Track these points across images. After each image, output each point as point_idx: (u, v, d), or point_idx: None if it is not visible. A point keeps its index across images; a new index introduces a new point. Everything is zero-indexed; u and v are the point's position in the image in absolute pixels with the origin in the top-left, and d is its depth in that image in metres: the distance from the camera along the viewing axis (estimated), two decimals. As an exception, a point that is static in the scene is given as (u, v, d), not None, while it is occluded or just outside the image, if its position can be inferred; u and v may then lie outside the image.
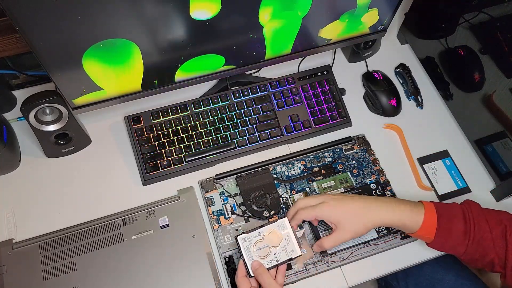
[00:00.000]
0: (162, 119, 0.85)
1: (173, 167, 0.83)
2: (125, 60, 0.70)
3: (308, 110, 0.89)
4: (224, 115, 0.87)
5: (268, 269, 0.68)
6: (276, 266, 0.69)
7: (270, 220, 0.78)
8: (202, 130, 0.85)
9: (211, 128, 0.86)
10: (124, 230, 0.77)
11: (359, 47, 0.94)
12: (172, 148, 0.83)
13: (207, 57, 0.77)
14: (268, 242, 0.70)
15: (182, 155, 0.83)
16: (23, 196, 0.81)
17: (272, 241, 0.70)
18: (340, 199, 0.70)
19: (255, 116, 0.87)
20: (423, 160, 0.87)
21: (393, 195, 0.82)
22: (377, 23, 0.86)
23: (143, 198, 0.80)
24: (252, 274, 0.68)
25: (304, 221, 0.77)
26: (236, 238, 0.70)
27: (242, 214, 0.79)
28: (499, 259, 0.67)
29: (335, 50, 0.97)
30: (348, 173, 0.84)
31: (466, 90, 0.87)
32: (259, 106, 0.88)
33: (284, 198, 0.81)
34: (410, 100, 0.94)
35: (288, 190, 0.82)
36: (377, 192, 0.82)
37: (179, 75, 0.79)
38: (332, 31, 0.82)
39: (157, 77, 0.77)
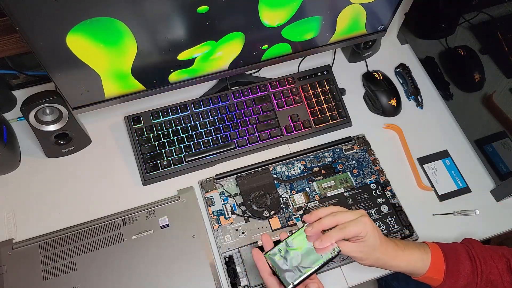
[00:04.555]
0: (162, 119, 0.85)
1: (173, 167, 0.83)
2: (117, 40, 0.67)
3: (308, 110, 0.89)
4: (224, 115, 0.87)
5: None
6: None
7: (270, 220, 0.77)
8: (202, 130, 0.85)
9: (211, 128, 0.86)
10: (124, 230, 0.77)
11: (359, 47, 0.94)
12: (172, 148, 0.83)
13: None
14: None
15: (182, 155, 0.83)
16: (23, 196, 0.81)
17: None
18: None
19: (255, 116, 0.87)
20: (423, 160, 0.87)
21: (393, 195, 0.82)
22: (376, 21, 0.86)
23: (143, 198, 0.80)
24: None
25: None
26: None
27: (242, 214, 0.79)
28: None
29: (335, 50, 0.97)
30: (348, 173, 0.84)
31: (466, 90, 0.87)
32: (259, 106, 0.88)
33: (284, 198, 0.81)
34: (410, 100, 0.94)
35: (288, 190, 0.82)
36: (377, 192, 0.82)
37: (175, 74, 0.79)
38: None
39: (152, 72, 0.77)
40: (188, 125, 0.85)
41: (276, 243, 0.64)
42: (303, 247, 0.63)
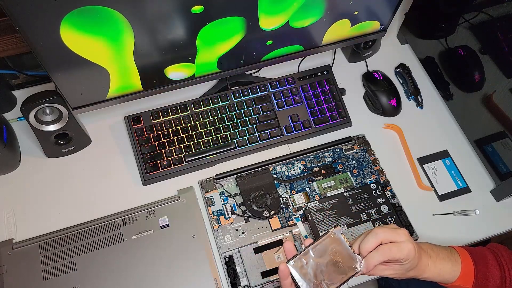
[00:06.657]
0: (162, 119, 0.85)
1: (173, 167, 0.83)
2: (112, 30, 0.66)
3: (308, 110, 0.89)
4: (224, 115, 0.87)
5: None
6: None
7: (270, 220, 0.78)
8: (202, 130, 0.85)
9: (211, 128, 0.86)
10: (124, 230, 0.77)
11: (359, 47, 0.94)
12: (172, 148, 0.83)
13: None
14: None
15: (182, 155, 0.83)
16: (23, 196, 0.81)
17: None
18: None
19: (255, 116, 0.87)
20: (423, 160, 0.87)
21: (393, 195, 0.82)
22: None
23: (143, 198, 0.80)
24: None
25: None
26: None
27: (242, 214, 0.79)
28: None
29: (335, 50, 0.97)
30: (348, 173, 0.84)
31: (466, 90, 0.87)
32: (259, 106, 0.88)
33: (284, 198, 0.81)
34: (410, 100, 0.94)
35: (288, 190, 0.82)
36: (377, 192, 0.82)
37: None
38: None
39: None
40: (188, 125, 0.85)
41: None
42: (327, 258, 0.59)
